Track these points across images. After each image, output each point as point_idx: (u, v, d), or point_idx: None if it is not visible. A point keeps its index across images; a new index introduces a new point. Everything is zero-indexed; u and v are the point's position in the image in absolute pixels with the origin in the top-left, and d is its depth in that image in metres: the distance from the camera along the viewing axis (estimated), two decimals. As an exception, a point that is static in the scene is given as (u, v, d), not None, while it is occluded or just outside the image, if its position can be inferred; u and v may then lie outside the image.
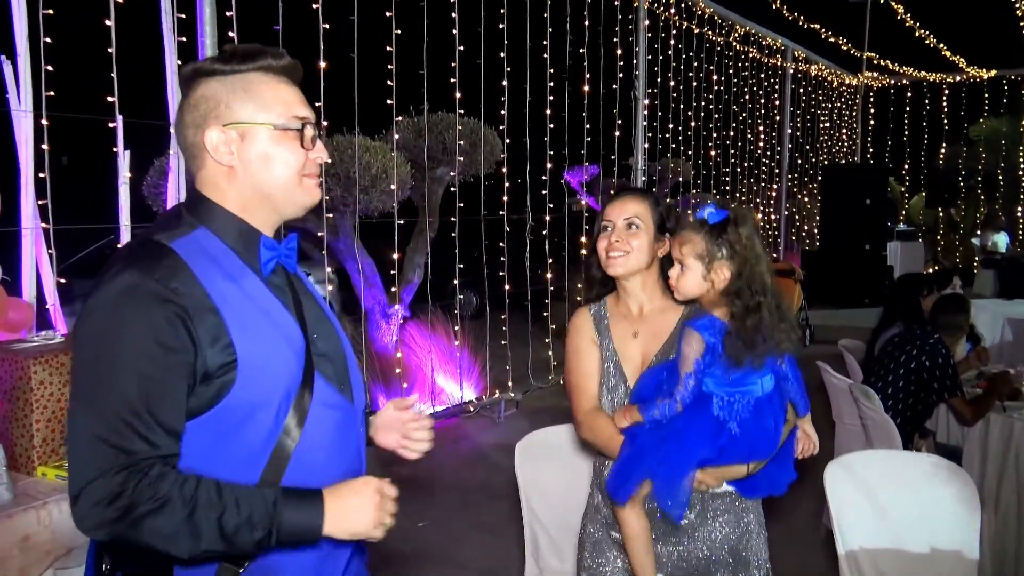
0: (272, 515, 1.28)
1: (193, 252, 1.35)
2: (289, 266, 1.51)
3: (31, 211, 3.77)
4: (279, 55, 1.45)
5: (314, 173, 1.48)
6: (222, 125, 1.41)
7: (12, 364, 2.53)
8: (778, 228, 13.32)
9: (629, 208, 2.13)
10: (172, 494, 1.24)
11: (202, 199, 1.45)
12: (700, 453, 1.91)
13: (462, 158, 6.71)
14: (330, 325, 1.55)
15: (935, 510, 2.60)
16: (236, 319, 1.33)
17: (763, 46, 12.03)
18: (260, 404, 1.35)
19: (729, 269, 1.96)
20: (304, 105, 1.46)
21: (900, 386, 3.97)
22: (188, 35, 4.18)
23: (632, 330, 2.14)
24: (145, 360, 1.26)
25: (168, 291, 1.28)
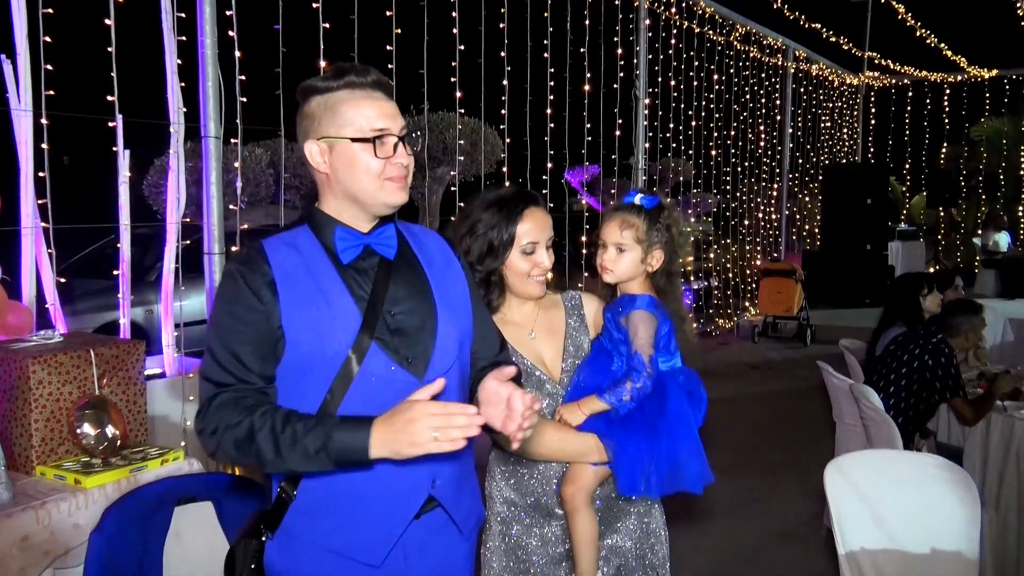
0: (327, 439, 1.50)
1: (278, 245, 1.68)
2: (383, 252, 1.72)
3: (31, 210, 3.76)
4: (364, 72, 1.68)
5: (397, 176, 1.68)
6: (316, 139, 1.68)
7: (11, 364, 2.53)
8: (779, 228, 13.31)
9: (548, 225, 2.11)
10: (251, 421, 1.54)
11: (310, 205, 1.77)
12: (696, 422, 1.99)
13: (462, 158, 6.71)
14: (423, 304, 1.73)
15: (936, 510, 2.60)
16: (290, 298, 1.62)
17: (764, 46, 12.02)
18: (309, 367, 1.61)
19: (663, 252, 2.07)
20: (385, 117, 1.67)
21: (902, 385, 3.97)
22: (188, 34, 4.17)
23: (526, 331, 2.11)
24: (230, 319, 1.62)
25: (241, 274, 1.63)
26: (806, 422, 6.38)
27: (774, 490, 4.97)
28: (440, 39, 6.05)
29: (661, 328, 2.02)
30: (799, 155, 13.90)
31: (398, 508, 1.64)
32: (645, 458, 1.92)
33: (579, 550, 1.99)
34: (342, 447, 1.50)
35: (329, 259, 1.69)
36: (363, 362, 1.62)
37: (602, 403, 1.94)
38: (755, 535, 4.44)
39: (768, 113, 12.61)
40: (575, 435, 1.97)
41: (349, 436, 1.50)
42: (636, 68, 8.60)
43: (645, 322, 1.99)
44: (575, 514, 1.99)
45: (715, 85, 10.81)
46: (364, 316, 1.65)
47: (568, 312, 2.17)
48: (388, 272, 1.72)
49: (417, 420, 1.46)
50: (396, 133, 1.68)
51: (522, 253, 2.03)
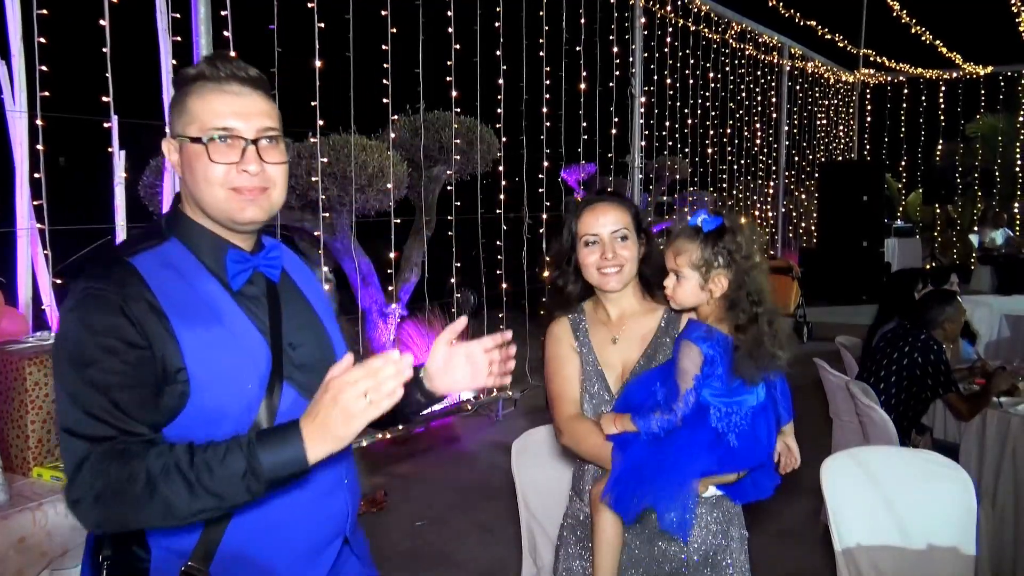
0: (248, 459, 1.24)
1: (154, 265, 1.38)
2: (270, 275, 1.50)
3: (26, 211, 3.76)
4: (220, 63, 1.43)
5: (245, 187, 1.42)
6: (170, 136, 1.46)
7: (7, 365, 2.53)
8: (775, 226, 13.32)
9: (613, 218, 2.07)
10: (145, 467, 1.23)
11: (175, 210, 1.49)
12: (700, 465, 1.88)
13: (459, 157, 6.69)
14: (319, 334, 1.54)
15: (932, 506, 2.60)
16: (187, 330, 1.35)
17: (759, 43, 12.03)
18: (220, 415, 1.36)
19: (727, 278, 1.92)
20: (234, 115, 1.41)
21: (893, 382, 3.97)
22: (183, 35, 4.17)
23: (611, 336, 2.11)
24: (104, 355, 1.29)
25: (119, 298, 1.32)
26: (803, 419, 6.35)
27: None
28: (435, 38, 6.05)
29: (711, 361, 1.88)
30: (795, 153, 13.91)
31: (321, 553, 1.48)
32: (629, 481, 1.89)
33: (597, 552, 1.99)
34: (272, 462, 1.25)
35: (219, 285, 1.43)
36: (279, 406, 1.40)
37: (632, 425, 1.92)
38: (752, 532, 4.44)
39: (764, 111, 12.62)
40: (601, 441, 1.98)
41: (277, 449, 1.25)
42: (632, 66, 8.60)
43: (687, 353, 1.89)
44: (596, 514, 1.99)
45: (711, 83, 10.81)
46: (271, 352, 1.42)
47: (661, 325, 2.12)
48: (277, 299, 1.49)
49: (341, 391, 1.23)
50: (245, 135, 1.41)
51: (585, 246, 2.07)
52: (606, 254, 2.05)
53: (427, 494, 4.94)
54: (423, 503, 4.79)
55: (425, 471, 5.32)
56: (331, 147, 5.84)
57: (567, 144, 7.80)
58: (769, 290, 1.93)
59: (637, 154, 8.79)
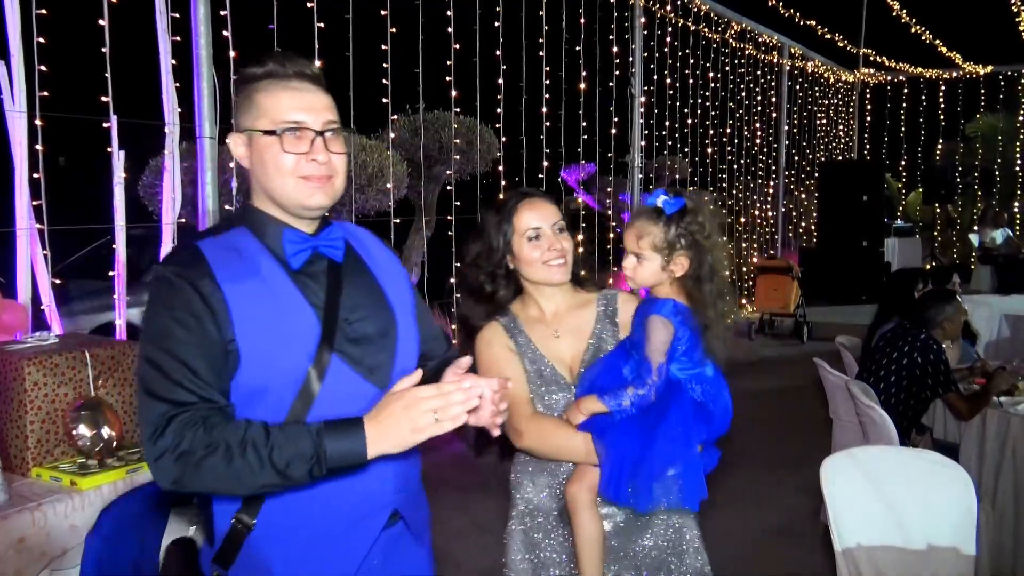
0: (317, 446, 1.38)
1: (218, 248, 1.52)
2: (332, 255, 1.60)
3: (26, 211, 3.76)
4: (286, 61, 1.55)
5: (314, 175, 1.53)
6: (237, 132, 1.58)
7: (6, 365, 2.53)
8: (775, 225, 13.32)
9: (551, 211, 2.06)
10: (225, 439, 1.38)
11: (244, 203, 1.64)
12: (696, 437, 1.90)
13: (458, 156, 6.70)
14: (380, 310, 1.63)
15: (932, 506, 2.60)
16: (240, 306, 1.46)
17: (759, 43, 12.03)
18: (266, 386, 1.48)
19: (688, 259, 1.96)
20: (303, 110, 1.53)
21: (893, 382, 3.97)
22: (182, 34, 4.17)
23: (551, 331, 2.08)
24: (179, 328, 1.43)
25: (181, 280, 1.46)
26: (803, 419, 6.39)
27: (771, 487, 4.98)
28: (435, 38, 6.04)
29: (680, 335, 1.92)
30: (795, 152, 13.91)
31: (364, 527, 1.56)
32: (631, 465, 1.86)
33: (582, 551, 1.97)
34: (336, 452, 1.39)
35: (278, 264, 1.55)
36: (324, 377, 1.50)
37: (601, 405, 1.90)
38: (752, 532, 4.44)
39: (764, 110, 12.62)
40: (569, 433, 1.94)
41: (341, 440, 1.39)
42: (632, 66, 8.61)
43: (659, 328, 1.91)
44: (577, 513, 1.96)
45: (711, 83, 10.82)
46: (323, 326, 1.52)
47: (599, 313, 2.13)
48: (339, 276, 1.59)
49: (413, 405, 1.39)
50: (313, 127, 1.53)
51: (528, 241, 2.04)
52: (553, 246, 2.03)
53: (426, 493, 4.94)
54: (423, 503, 4.79)
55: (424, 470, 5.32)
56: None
57: (567, 144, 7.80)
58: (724, 269, 2.00)
59: (637, 154, 8.80)
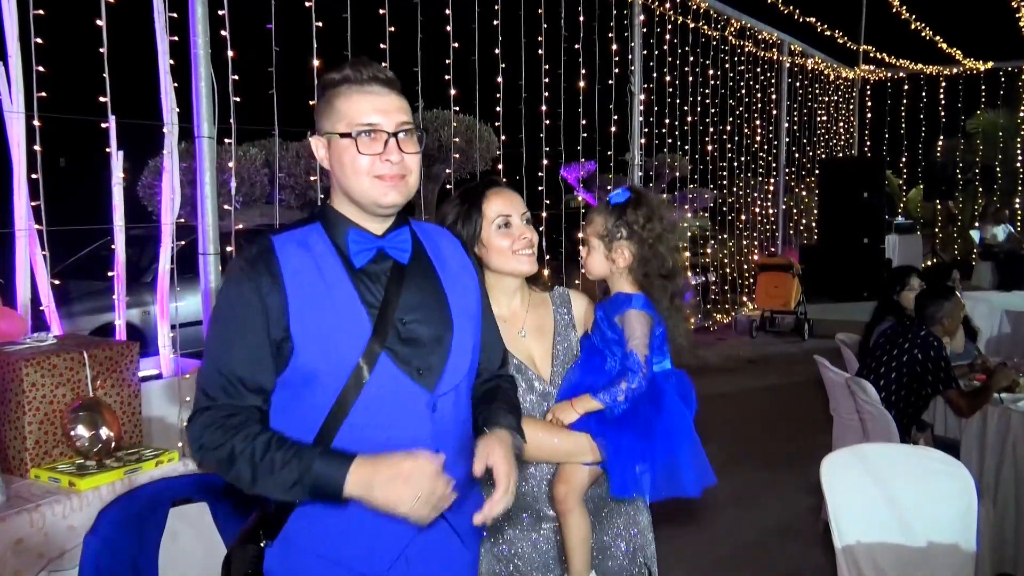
0: (306, 470, 1.48)
1: (289, 243, 1.61)
2: (397, 256, 1.65)
3: (25, 212, 3.75)
4: (361, 67, 1.63)
5: (388, 174, 1.60)
6: (319, 135, 1.66)
7: (4, 366, 2.52)
8: (776, 223, 13.31)
9: (519, 200, 2.05)
10: (233, 443, 1.51)
11: (324, 202, 1.71)
12: (689, 422, 1.94)
13: (458, 155, 6.70)
14: (439, 314, 1.67)
15: (933, 503, 2.60)
16: (299, 302, 1.55)
17: (759, 40, 12.02)
18: (315, 378, 1.55)
19: (630, 249, 2.00)
20: (377, 112, 1.60)
21: (893, 378, 3.97)
22: (180, 34, 4.16)
23: (515, 330, 2.06)
24: (234, 333, 1.56)
25: (247, 274, 1.56)
26: (803, 416, 6.38)
27: (771, 485, 4.97)
28: (433, 37, 6.04)
29: (655, 329, 1.98)
30: (795, 149, 13.90)
31: (399, 524, 1.56)
32: (639, 459, 1.88)
33: (572, 550, 1.97)
34: (318, 480, 1.48)
35: (341, 261, 1.62)
36: (372, 373, 1.56)
37: (596, 402, 1.90)
38: (752, 530, 4.44)
39: (764, 108, 12.60)
40: (567, 434, 1.93)
41: (327, 470, 1.48)
42: (631, 64, 8.60)
43: (641, 322, 1.95)
44: (568, 514, 1.95)
45: (710, 80, 10.80)
46: (375, 324, 1.58)
47: (557, 310, 2.14)
48: (401, 277, 1.65)
49: (411, 481, 1.46)
50: (387, 129, 1.60)
51: (497, 229, 2.00)
52: (523, 235, 2.01)
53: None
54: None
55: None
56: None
57: (566, 142, 7.79)
58: (681, 271, 2.04)
59: (637, 151, 8.79)
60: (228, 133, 4.42)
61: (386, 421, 1.57)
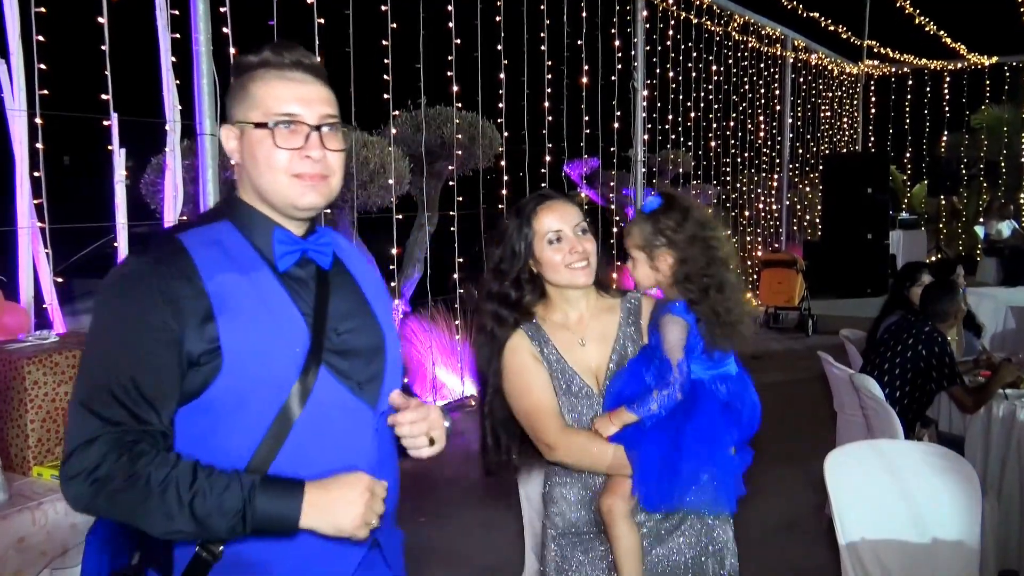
0: (246, 502, 1.27)
1: (201, 242, 1.40)
2: (320, 261, 1.50)
3: (27, 210, 3.75)
4: (283, 50, 1.45)
5: (307, 173, 1.43)
6: (229, 124, 1.47)
7: (6, 364, 2.52)
8: (779, 218, 13.29)
9: (572, 212, 2.03)
10: (146, 472, 1.26)
11: (230, 195, 1.52)
12: (729, 437, 1.89)
13: (460, 152, 6.69)
14: (369, 322, 1.53)
15: (936, 500, 2.59)
16: (227, 308, 1.35)
17: (762, 35, 11.98)
18: (249, 395, 1.35)
19: (671, 255, 1.96)
20: (298, 101, 1.43)
21: (897, 375, 3.95)
22: (182, 31, 4.16)
23: (577, 339, 2.05)
24: (132, 336, 1.32)
25: (156, 275, 1.33)
26: (807, 413, 6.37)
27: (775, 481, 4.96)
28: (436, 33, 6.03)
29: (696, 333, 1.93)
30: (799, 145, 13.87)
31: (345, 555, 1.43)
32: (661, 470, 1.85)
33: (623, 562, 1.95)
34: (265, 513, 1.28)
35: (266, 264, 1.44)
36: (312, 389, 1.39)
37: (631, 415, 1.89)
38: (756, 526, 4.43)
39: (767, 103, 12.58)
40: (600, 445, 1.92)
41: (275, 498, 1.29)
42: (634, 60, 8.58)
43: (673, 327, 1.92)
44: (613, 526, 1.94)
45: (714, 76, 10.78)
46: (311, 335, 1.41)
47: (624, 317, 2.10)
48: (327, 283, 1.49)
49: (358, 504, 1.32)
50: (308, 121, 1.42)
51: (548, 244, 2.00)
52: (575, 248, 1.99)
53: (431, 490, 4.93)
54: (427, 499, 4.78)
55: (428, 467, 5.31)
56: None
57: (569, 138, 7.79)
58: (725, 263, 1.97)
59: (640, 148, 8.77)
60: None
61: (331, 441, 1.41)
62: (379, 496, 1.37)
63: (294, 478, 1.33)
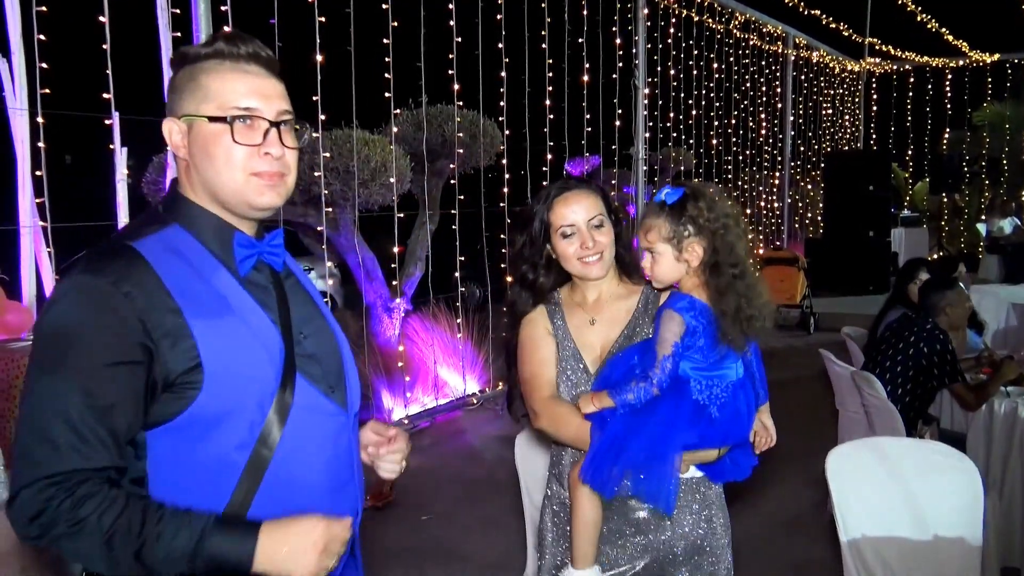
0: (196, 548, 1.21)
1: (159, 251, 1.30)
2: (274, 264, 1.44)
3: (29, 209, 3.76)
4: (238, 41, 1.37)
5: (265, 171, 1.36)
6: (176, 117, 1.38)
7: (7, 362, 2.53)
8: (781, 216, 13.28)
9: (587, 205, 2.03)
10: (91, 519, 1.19)
11: (175, 195, 1.42)
12: (682, 439, 1.86)
13: (462, 150, 6.69)
14: (324, 325, 1.50)
15: (938, 497, 2.59)
16: (201, 320, 1.27)
17: (764, 33, 11.97)
18: (231, 411, 1.29)
19: (700, 245, 1.91)
20: (256, 95, 1.36)
21: (899, 372, 3.95)
22: (183, 30, 4.16)
23: (589, 318, 2.09)
24: (88, 368, 1.21)
25: (120, 294, 1.23)
26: (809, 410, 6.36)
27: (777, 479, 4.96)
28: (437, 31, 6.03)
29: (694, 330, 1.88)
30: (800, 143, 13.86)
31: None
32: (608, 455, 1.87)
33: (578, 533, 1.98)
34: (217, 556, 1.21)
35: (227, 270, 1.36)
36: (294, 397, 1.34)
37: (609, 400, 1.91)
38: (758, 524, 4.43)
39: (769, 101, 12.57)
40: (575, 422, 1.97)
41: (228, 543, 1.22)
42: (635, 58, 8.57)
43: (670, 322, 1.89)
44: (576, 495, 1.97)
45: (715, 74, 10.77)
46: (283, 342, 1.36)
47: (643, 305, 2.10)
48: (283, 287, 1.44)
49: (313, 552, 1.26)
50: (267, 116, 1.36)
51: (563, 237, 2.02)
52: (586, 243, 2.01)
53: (433, 488, 4.94)
54: (429, 497, 4.79)
55: (431, 465, 5.32)
56: (333, 142, 5.84)
57: (571, 136, 7.79)
58: (746, 254, 1.95)
59: (641, 146, 8.77)
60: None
61: (315, 450, 1.39)
62: (338, 539, 1.30)
63: (251, 521, 1.27)
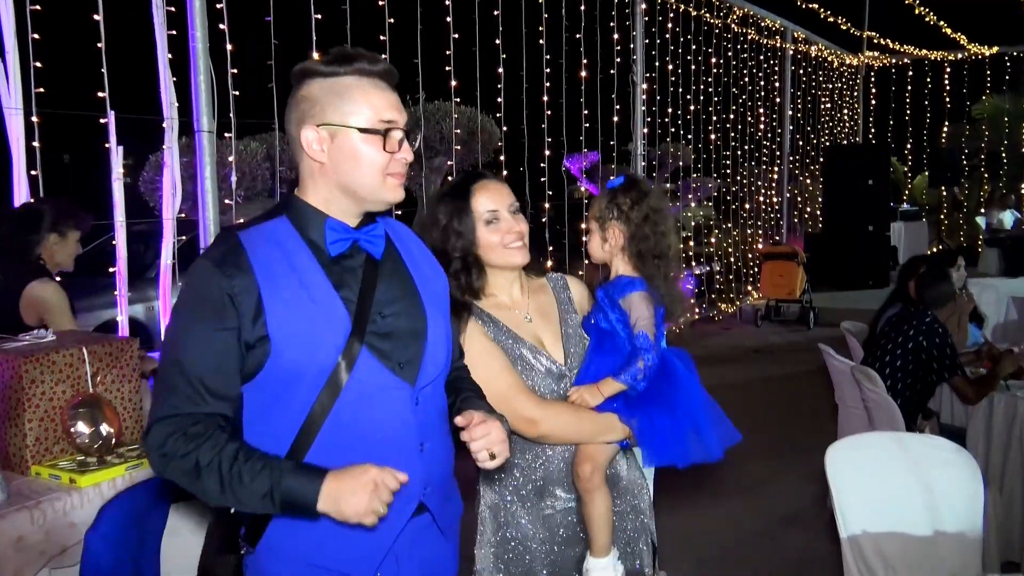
0: (273, 486, 1.44)
1: (258, 239, 1.55)
2: (371, 251, 1.63)
3: (25, 209, 3.75)
4: (374, 60, 1.58)
5: (399, 172, 1.61)
6: (316, 124, 1.56)
7: (4, 363, 2.52)
8: (780, 211, 13.26)
9: (507, 192, 2.06)
10: (197, 454, 1.46)
11: (292, 192, 1.67)
12: (701, 389, 2.06)
13: (460, 147, 6.68)
14: (412, 307, 1.66)
15: (938, 491, 2.58)
16: (275, 299, 1.51)
17: (762, 28, 11.94)
18: (295, 376, 1.51)
19: (619, 229, 2.09)
20: (394, 109, 1.59)
21: (898, 366, 3.94)
22: (178, 28, 4.14)
23: (521, 315, 2.08)
24: (198, 331, 1.50)
25: (221, 274, 1.50)
26: (809, 405, 6.37)
27: (777, 474, 4.96)
28: (433, 28, 6.01)
29: (656, 309, 2.07)
30: (799, 137, 13.84)
31: (390, 517, 1.52)
32: (668, 431, 1.98)
33: (597, 527, 2.02)
34: (290, 494, 1.44)
35: (313, 255, 1.58)
36: (353, 369, 1.53)
37: (619, 384, 1.98)
38: (758, 519, 4.43)
39: (767, 96, 12.54)
40: (593, 415, 1.99)
41: (299, 484, 1.44)
42: (633, 53, 8.55)
43: (646, 302, 2.04)
44: (594, 492, 2.01)
45: (713, 68, 10.74)
46: (354, 318, 1.56)
47: (557, 294, 2.19)
48: (376, 271, 1.63)
49: (364, 494, 1.42)
50: (403, 127, 1.60)
51: (486, 225, 2.01)
52: (512, 228, 2.02)
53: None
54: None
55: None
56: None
57: (569, 133, 7.77)
58: (671, 253, 2.11)
59: (639, 141, 8.75)
60: (228, 127, 4.41)
61: (368, 417, 1.55)
62: (386, 486, 1.45)
63: (320, 467, 1.47)
